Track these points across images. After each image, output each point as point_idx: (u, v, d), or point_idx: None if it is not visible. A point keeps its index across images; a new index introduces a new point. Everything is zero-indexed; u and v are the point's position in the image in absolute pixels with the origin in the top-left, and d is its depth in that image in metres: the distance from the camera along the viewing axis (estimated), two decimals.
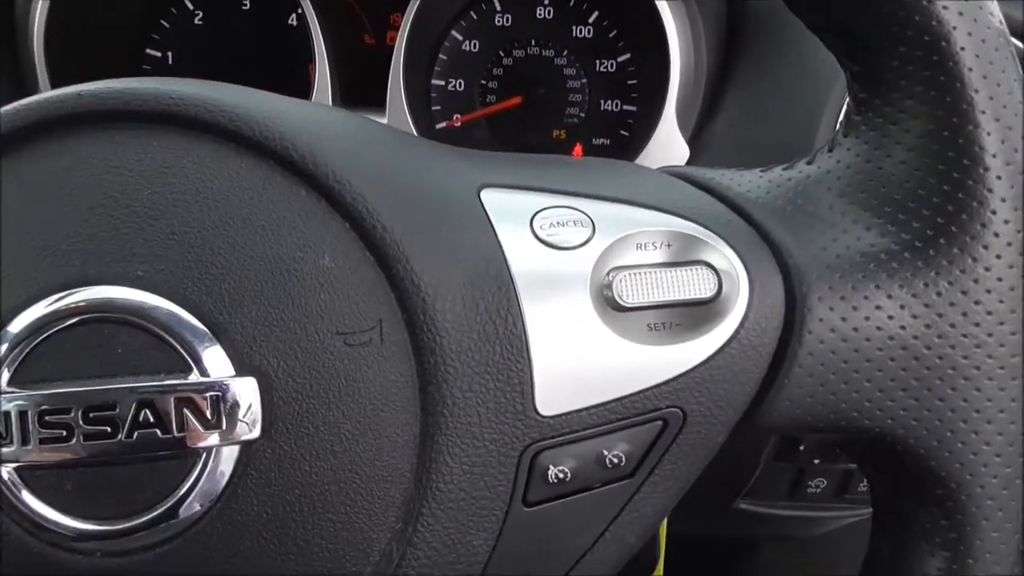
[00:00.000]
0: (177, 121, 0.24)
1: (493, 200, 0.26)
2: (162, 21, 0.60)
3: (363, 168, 0.25)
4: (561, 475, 0.25)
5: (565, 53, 0.59)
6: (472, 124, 0.60)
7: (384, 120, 0.55)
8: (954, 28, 0.25)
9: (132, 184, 0.24)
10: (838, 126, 0.28)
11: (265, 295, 0.24)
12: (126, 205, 0.24)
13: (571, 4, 0.59)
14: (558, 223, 0.26)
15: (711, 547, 0.70)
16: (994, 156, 0.25)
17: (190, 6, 0.60)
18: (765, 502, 0.60)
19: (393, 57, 0.55)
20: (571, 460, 0.25)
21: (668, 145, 0.53)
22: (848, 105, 0.28)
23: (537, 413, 0.25)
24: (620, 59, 0.59)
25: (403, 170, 0.26)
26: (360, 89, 0.58)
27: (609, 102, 0.59)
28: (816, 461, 0.55)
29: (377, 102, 0.56)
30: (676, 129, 0.52)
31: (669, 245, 0.26)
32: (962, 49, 0.25)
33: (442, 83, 0.60)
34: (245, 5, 0.60)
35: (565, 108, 0.60)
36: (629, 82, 0.59)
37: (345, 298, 0.24)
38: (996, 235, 0.25)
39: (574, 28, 0.59)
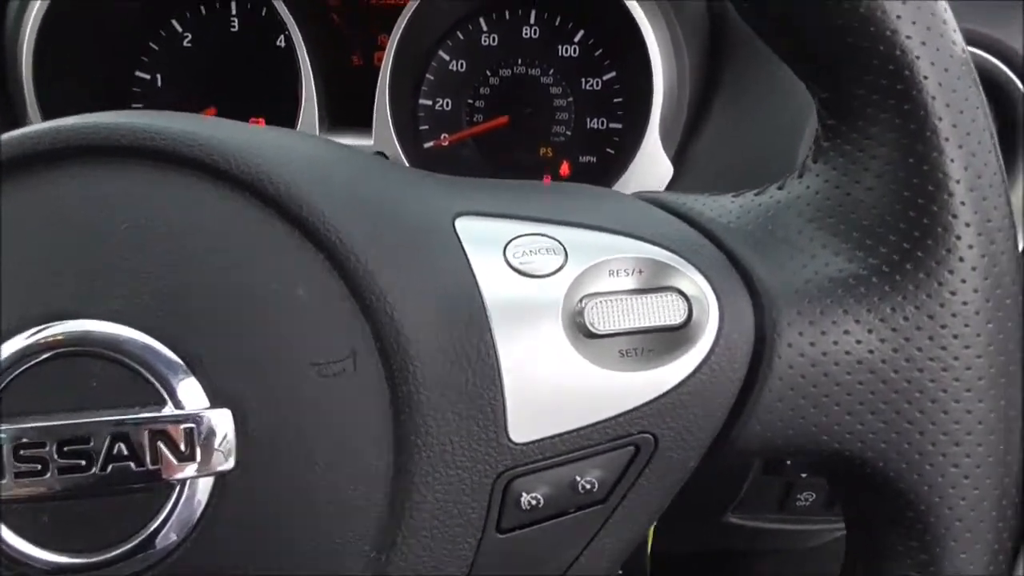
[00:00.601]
0: (154, 155, 0.25)
1: (467, 228, 0.27)
2: (151, 43, 0.61)
3: (338, 199, 0.25)
4: (534, 502, 0.25)
5: (551, 72, 0.60)
6: (460, 143, 0.61)
7: (371, 141, 0.55)
8: (917, 57, 0.25)
9: (109, 218, 0.24)
10: (808, 152, 0.29)
11: (240, 327, 0.24)
12: (102, 239, 0.24)
13: (556, 23, 0.59)
14: (531, 251, 0.26)
15: (701, 561, 0.70)
16: (958, 182, 0.25)
17: (179, 28, 0.61)
18: (754, 516, 0.60)
19: (379, 78, 0.55)
20: (544, 487, 0.25)
21: (652, 163, 0.53)
22: (817, 131, 0.28)
23: (510, 441, 0.25)
24: (605, 77, 0.59)
25: (378, 200, 0.27)
26: (347, 110, 0.58)
27: (595, 120, 0.60)
28: (804, 475, 0.55)
29: (364, 123, 0.56)
30: (660, 147, 0.53)
31: (640, 272, 0.27)
32: (925, 78, 0.25)
33: (429, 103, 0.61)
34: (234, 27, 0.61)
35: (552, 126, 0.60)
36: (615, 100, 0.59)
37: (319, 329, 0.24)
38: (961, 260, 0.25)
39: (560, 47, 0.60)
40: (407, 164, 0.56)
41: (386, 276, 0.25)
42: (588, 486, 0.26)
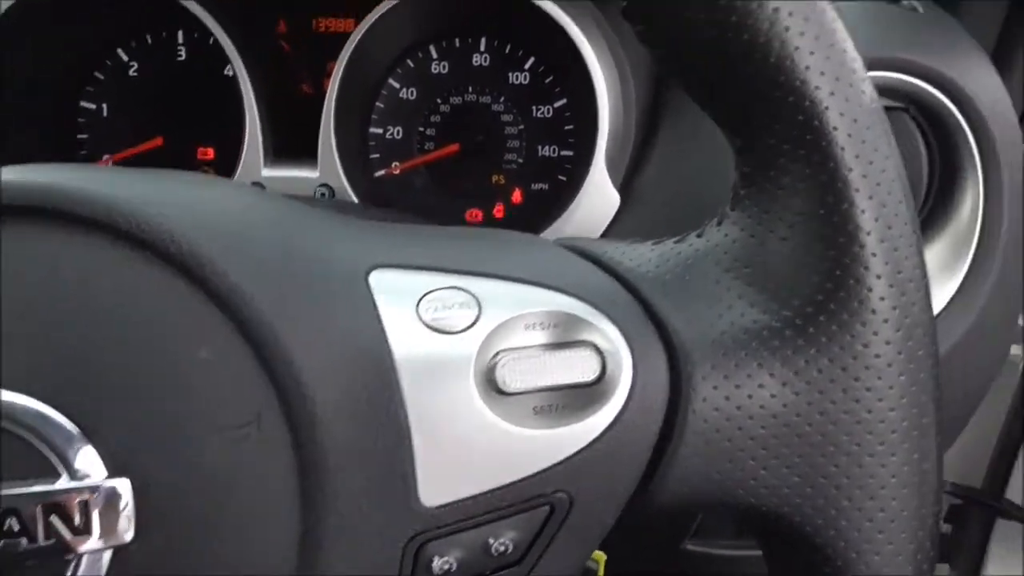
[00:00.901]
0: (50, 213, 0.24)
1: (381, 282, 0.26)
2: (96, 73, 0.60)
3: (243, 256, 0.25)
4: (447, 566, 0.25)
5: (502, 99, 0.60)
6: (411, 171, 0.60)
7: (316, 173, 0.55)
8: (826, 108, 0.25)
9: (1, 279, 0.24)
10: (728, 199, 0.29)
11: (140, 392, 0.23)
12: None
13: (507, 51, 0.59)
14: (445, 306, 0.26)
15: None
16: (869, 234, 0.25)
17: (124, 57, 0.60)
18: (712, 542, 0.60)
19: (324, 107, 0.55)
20: (457, 550, 0.25)
21: (599, 193, 0.53)
22: (735, 179, 0.28)
23: (421, 504, 0.24)
24: (556, 105, 0.59)
25: (288, 254, 0.26)
26: (295, 140, 0.58)
27: (546, 147, 0.60)
28: None
29: (312, 153, 0.56)
30: (607, 177, 0.53)
31: (555, 325, 0.26)
32: (835, 128, 0.25)
33: (380, 131, 0.60)
34: (180, 56, 0.60)
35: (503, 154, 0.60)
36: (566, 128, 0.59)
37: (223, 391, 0.24)
38: (873, 312, 0.25)
39: (510, 75, 0.59)
40: (353, 195, 0.55)
41: (292, 335, 0.24)
42: (502, 548, 0.25)
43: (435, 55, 0.60)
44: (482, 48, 0.60)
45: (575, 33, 0.52)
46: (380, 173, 0.60)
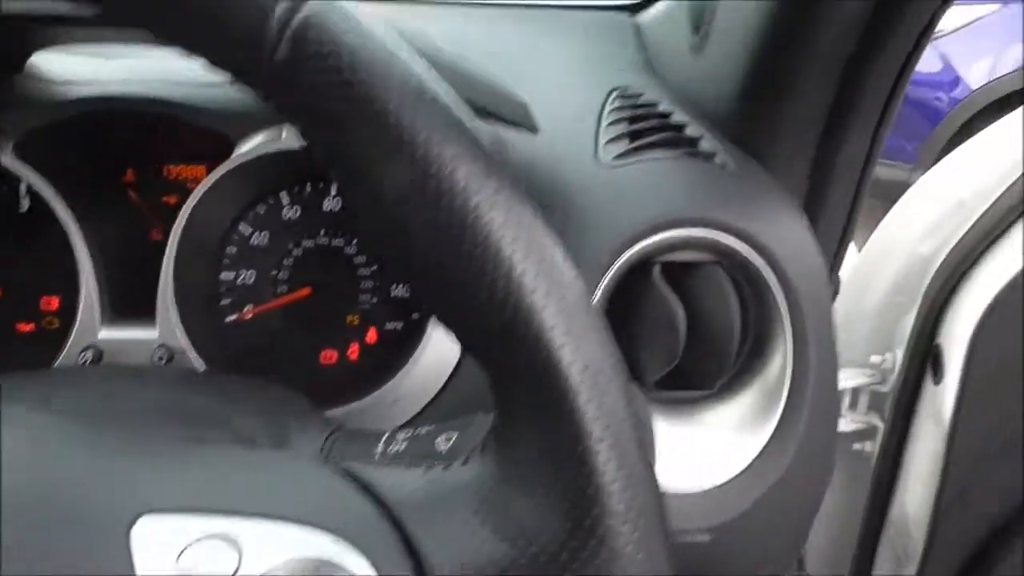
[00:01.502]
0: None
1: (144, 533, 0.26)
2: None
3: None
4: None
5: (355, 242, 0.61)
6: (265, 315, 0.61)
7: (155, 333, 0.54)
8: (559, 360, 0.27)
9: None
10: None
11: None
12: None
13: None
14: (206, 557, 0.26)
15: None
16: (603, 475, 0.27)
17: None
18: None
19: (164, 264, 0.55)
20: None
21: (443, 337, 0.54)
22: (494, 411, 0.30)
23: None
24: None
25: (44, 505, 0.26)
26: (142, 292, 0.57)
27: (400, 287, 0.61)
28: None
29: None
30: None
31: (316, 570, 0.27)
32: (566, 379, 0.27)
33: (231, 276, 0.61)
34: (23, 208, 0.59)
35: (358, 295, 0.61)
36: None
37: None
38: (612, 549, 0.27)
39: None
40: (195, 353, 0.55)
41: None
42: None
43: (286, 201, 0.61)
44: (333, 193, 0.61)
45: None
46: (232, 318, 0.60)
